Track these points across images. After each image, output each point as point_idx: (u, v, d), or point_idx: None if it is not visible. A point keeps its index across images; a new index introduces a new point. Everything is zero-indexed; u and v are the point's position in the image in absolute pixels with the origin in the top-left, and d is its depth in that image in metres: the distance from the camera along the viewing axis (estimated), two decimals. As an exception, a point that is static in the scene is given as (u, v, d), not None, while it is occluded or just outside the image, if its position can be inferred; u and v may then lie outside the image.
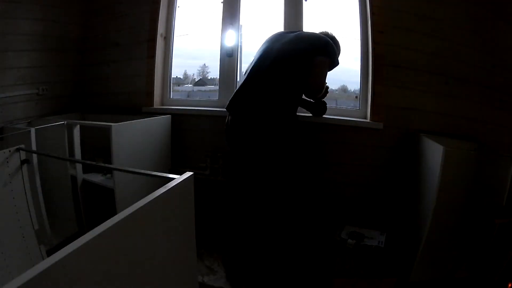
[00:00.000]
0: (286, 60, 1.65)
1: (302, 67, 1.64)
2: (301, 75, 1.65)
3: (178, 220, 0.87)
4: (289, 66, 1.64)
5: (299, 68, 1.64)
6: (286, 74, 1.63)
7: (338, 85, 2.27)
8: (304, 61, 1.64)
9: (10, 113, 1.99)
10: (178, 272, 0.90)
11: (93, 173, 1.97)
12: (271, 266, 1.76)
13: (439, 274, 1.59)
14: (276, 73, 1.64)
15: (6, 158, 1.29)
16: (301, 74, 1.65)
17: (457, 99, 1.85)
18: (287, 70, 1.63)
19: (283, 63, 1.65)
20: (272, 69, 1.64)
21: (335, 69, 1.78)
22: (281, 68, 1.64)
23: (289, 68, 1.64)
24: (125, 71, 2.36)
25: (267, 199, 1.73)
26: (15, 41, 2.00)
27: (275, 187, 1.72)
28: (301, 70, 1.65)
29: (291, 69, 1.64)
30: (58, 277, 0.48)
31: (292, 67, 1.64)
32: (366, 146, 1.95)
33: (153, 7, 2.24)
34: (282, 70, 1.64)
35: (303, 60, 1.64)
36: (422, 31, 1.84)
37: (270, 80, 1.63)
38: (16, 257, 1.29)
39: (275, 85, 1.63)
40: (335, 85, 2.27)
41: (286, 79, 1.63)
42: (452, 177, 1.48)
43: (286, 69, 1.64)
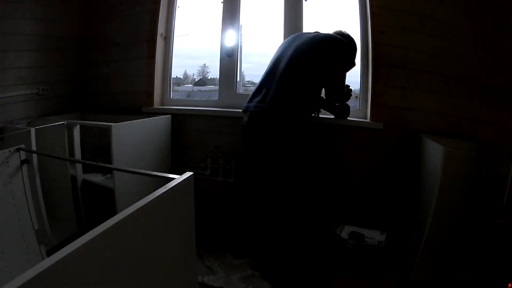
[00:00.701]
0: (301, 62, 1.65)
1: (318, 70, 1.66)
2: (317, 77, 1.67)
3: (178, 220, 0.87)
4: (305, 68, 1.65)
5: (315, 70, 1.66)
6: (302, 76, 1.64)
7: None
8: (320, 64, 1.66)
9: (10, 113, 1.99)
10: (178, 272, 0.90)
11: (93, 173, 1.97)
12: (280, 264, 1.77)
13: (439, 274, 1.59)
14: (292, 74, 1.64)
15: (6, 158, 1.29)
16: (317, 76, 1.67)
17: (457, 99, 1.85)
18: (303, 72, 1.64)
19: (299, 64, 1.65)
20: (288, 70, 1.65)
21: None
22: (297, 69, 1.65)
23: (304, 70, 1.65)
24: (125, 71, 2.36)
25: (282, 200, 1.73)
26: (15, 41, 2.00)
27: (291, 188, 1.71)
28: (317, 72, 1.66)
29: (307, 70, 1.65)
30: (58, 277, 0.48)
31: (308, 69, 1.65)
32: (366, 146, 1.95)
33: (153, 7, 2.24)
34: (298, 71, 1.64)
35: (320, 63, 1.66)
36: (422, 31, 1.84)
37: (286, 81, 1.64)
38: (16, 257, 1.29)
39: (291, 86, 1.63)
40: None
41: (302, 80, 1.64)
42: (452, 177, 1.48)
43: (302, 70, 1.64)
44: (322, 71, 1.67)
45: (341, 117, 1.93)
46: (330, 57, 1.67)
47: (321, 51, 1.67)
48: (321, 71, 1.67)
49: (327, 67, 1.68)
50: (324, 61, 1.66)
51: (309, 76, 1.65)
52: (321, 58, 1.66)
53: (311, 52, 1.67)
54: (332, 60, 1.68)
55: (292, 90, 1.63)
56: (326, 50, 1.67)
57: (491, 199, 1.49)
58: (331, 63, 1.68)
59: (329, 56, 1.67)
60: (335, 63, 1.69)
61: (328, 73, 1.69)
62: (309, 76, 1.65)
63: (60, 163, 1.82)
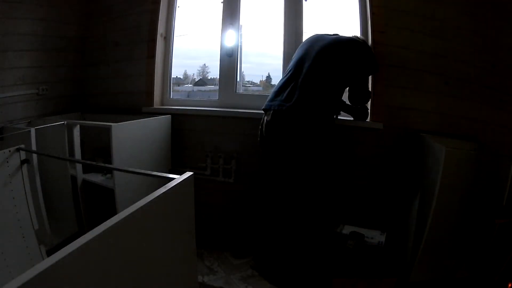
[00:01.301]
0: (328, 62, 1.67)
1: (344, 71, 1.68)
2: (343, 78, 1.70)
3: (178, 220, 0.87)
4: (331, 69, 1.66)
5: (341, 72, 1.68)
6: (328, 76, 1.65)
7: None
8: (347, 66, 1.69)
9: (10, 113, 1.99)
10: (178, 272, 0.90)
11: (93, 173, 1.97)
12: (281, 264, 1.77)
13: (439, 274, 1.59)
14: (318, 74, 1.65)
15: (6, 158, 1.29)
16: (343, 77, 1.69)
17: (457, 99, 1.85)
18: (329, 72, 1.66)
19: (325, 65, 1.66)
20: (314, 70, 1.65)
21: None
22: (323, 69, 1.66)
23: (331, 71, 1.66)
24: (125, 71, 2.36)
25: (297, 200, 1.72)
26: (15, 41, 2.00)
27: (310, 188, 1.71)
28: (343, 73, 1.69)
29: (333, 71, 1.66)
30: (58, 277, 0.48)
31: (334, 70, 1.66)
32: (366, 146, 1.95)
33: (153, 7, 2.24)
34: (324, 71, 1.65)
35: (346, 64, 1.69)
36: (422, 31, 1.84)
37: (313, 81, 1.64)
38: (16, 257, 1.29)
39: (317, 86, 1.64)
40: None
41: (328, 81, 1.65)
42: (452, 177, 1.48)
43: (328, 71, 1.66)
44: (348, 72, 1.69)
45: (361, 119, 1.92)
46: (355, 59, 1.70)
47: (347, 52, 1.70)
48: (347, 73, 1.69)
49: (353, 68, 1.70)
50: (350, 63, 1.69)
51: (335, 77, 1.67)
52: (348, 59, 1.69)
53: (337, 53, 1.69)
54: (357, 62, 1.71)
55: (319, 90, 1.63)
56: (352, 52, 1.70)
57: (491, 199, 1.49)
58: (357, 65, 1.71)
59: (355, 58, 1.70)
60: (360, 65, 1.72)
61: (353, 74, 1.72)
62: (335, 77, 1.67)
63: (60, 163, 1.82)
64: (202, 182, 2.19)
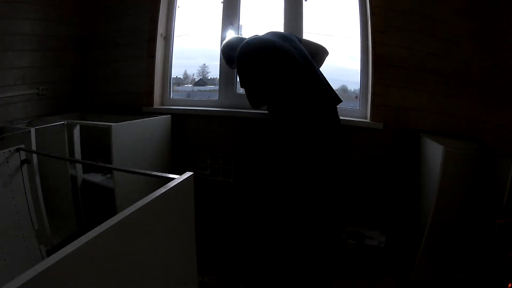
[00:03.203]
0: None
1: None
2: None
3: (178, 220, 0.87)
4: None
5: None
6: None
7: (338, 85, 2.27)
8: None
9: (10, 113, 1.99)
10: (178, 271, 0.90)
11: (93, 173, 1.97)
12: (281, 265, 1.77)
13: (439, 274, 1.59)
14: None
15: (6, 158, 1.29)
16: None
17: (457, 99, 1.85)
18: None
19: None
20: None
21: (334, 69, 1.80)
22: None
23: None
24: (125, 71, 2.36)
25: (302, 202, 1.72)
26: (15, 41, 2.00)
27: (315, 187, 1.71)
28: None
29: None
30: (58, 277, 0.48)
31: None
32: (366, 146, 1.95)
33: (153, 7, 2.24)
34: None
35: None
36: (422, 31, 1.84)
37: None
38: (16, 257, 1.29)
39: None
40: (335, 85, 2.26)
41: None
42: (452, 177, 1.48)
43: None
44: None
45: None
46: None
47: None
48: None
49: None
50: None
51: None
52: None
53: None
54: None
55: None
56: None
57: (491, 199, 1.48)
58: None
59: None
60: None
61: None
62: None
63: (60, 163, 1.82)
64: (202, 182, 2.19)
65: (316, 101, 1.64)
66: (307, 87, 1.64)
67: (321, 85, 1.66)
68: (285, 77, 1.65)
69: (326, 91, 1.67)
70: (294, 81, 1.64)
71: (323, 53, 1.88)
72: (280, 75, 1.66)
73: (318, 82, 1.66)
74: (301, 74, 1.64)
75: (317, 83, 1.66)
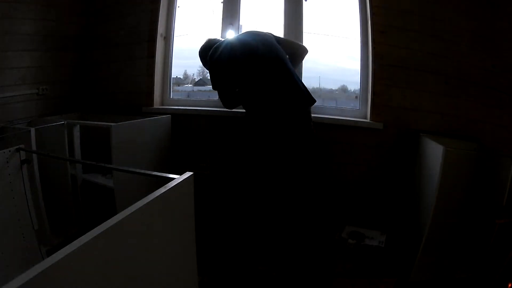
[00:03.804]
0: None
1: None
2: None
3: (178, 220, 0.87)
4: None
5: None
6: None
7: (338, 85, 2.27)
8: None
9: (10, 113, 1.99)
10: (178, 271, 0.90)
11: (93, 173, 1.97)
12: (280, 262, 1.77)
13: (439, 274, 1.59)
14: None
15: (6, 158, 1.29)
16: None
17: (457, 99, 1.85)
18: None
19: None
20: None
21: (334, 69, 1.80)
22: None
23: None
24: (125, 71, 2.36)
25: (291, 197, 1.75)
26: (15, 41, 2.00)
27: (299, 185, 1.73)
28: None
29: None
30: (58, 277, 0.48)
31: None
32: (366, 146, 1.95)
33: (153, 7, 2.24)
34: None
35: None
36: (422, 31, 1.84)
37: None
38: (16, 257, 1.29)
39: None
40: (335, 85, 2.27)
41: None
42: (452, 177, 1.48)
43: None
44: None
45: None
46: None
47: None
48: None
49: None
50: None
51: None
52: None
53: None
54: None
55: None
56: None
57: (491, 199, 1.48)
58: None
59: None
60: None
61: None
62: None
63: (60, 163, 1.82)
64: (202, 182, 2.19)
65: (283, 102, 1.66)
66: (274, 89, 1.67)
67: (291, 86, 1.67)
68: (252, 80, 1.69)
69: (296, 92, 1.68)
70: (260, 83, 1.68)
71: (302, 52, 1.89)
72: (248, 78, 1.70)
73: (288, 83, 1.67)
74: (267, 76, 1.67)
75: (286, 84, 1.67)
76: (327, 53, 2.19)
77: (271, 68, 1.67)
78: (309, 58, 1.96)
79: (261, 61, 1.68)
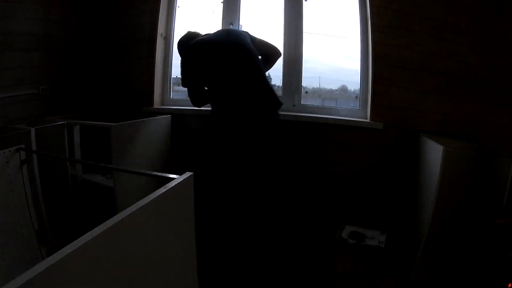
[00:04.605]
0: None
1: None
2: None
3: (178, 220, 0.87)
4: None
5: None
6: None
7: (338, 85, 2.27)
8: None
9: (10, 113, 1.99)
10: (178, 272, 0.90)
11: (93, 173, 1.97)
12: (262, 264, 1.77)
13: (439, 274, 1.59)
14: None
15: (6, 158, 1.29)
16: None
17: (457, 99, 1.85)
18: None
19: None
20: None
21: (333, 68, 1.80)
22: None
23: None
24: (125, 71, 2.36)
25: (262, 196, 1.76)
26: (15, 41, 2.00)
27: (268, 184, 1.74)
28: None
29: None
30: (58, 277, 0.47)
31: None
32: (366, 146, 1.95)
33: (153, 7, 2.24)
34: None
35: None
36: (422, 31, 1.84)
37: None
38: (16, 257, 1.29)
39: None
40: (335, 85, 2.27)
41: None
42: (452, 177, 1.48)
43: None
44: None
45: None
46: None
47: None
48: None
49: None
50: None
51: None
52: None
53: None
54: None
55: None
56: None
57: (491, 199, 1.48)
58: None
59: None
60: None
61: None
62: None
63: (60, 163, 1.82)
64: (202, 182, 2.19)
65: (249, 101, 1.67)
66: (241, 88, 1.68)
67: (258, 86, 1.68)
68: (219, 78, 1.70)
69: (262, 92, 1.68)
70: (227, 82, 1.69)
71: (275, 55, 1.89)
72: (215, 76, 1.71)
73: (255, 83, 1.68)
74: (234, 74, 1.67)
75: (253, 84, 1.68)
76: (327, 53, 2.19)
77: (239, 66, 1.67)
78: (309, 58, 1.97)
79: (229, 59, 1.68)
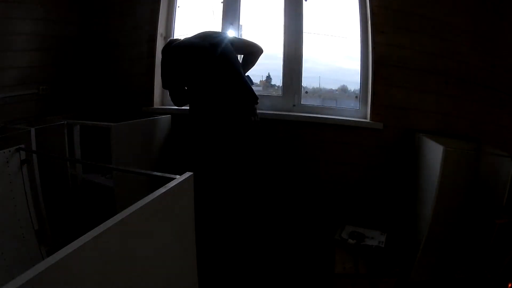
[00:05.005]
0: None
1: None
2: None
3: (178, 220, 0.87)
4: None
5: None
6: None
7: (338, 85, 2.27)
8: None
9: (10, 113, 1.99)
10: (178, 271, 0.90)
11: (93, 173, 1.97)
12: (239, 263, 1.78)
13: (439, 274, 1.59)
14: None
15: (6, 158, 1.29)
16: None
17: (457, 99, 1.85)
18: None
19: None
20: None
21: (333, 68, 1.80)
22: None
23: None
24: (125, 71, 2.36)
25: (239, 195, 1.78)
26: (15, 41, 2.00)
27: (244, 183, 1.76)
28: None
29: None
30: (58, 277, 0.48)
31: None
32: (366, 146, 1.95)
33: (153, 7, 2.24)
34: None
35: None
36: (422, 31, 1.84)
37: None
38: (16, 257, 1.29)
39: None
40: (335, 85, 2.27)
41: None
42: (452, 177, 1.48)
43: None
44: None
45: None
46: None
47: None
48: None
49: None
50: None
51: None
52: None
53: None
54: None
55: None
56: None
57: (491, 199, 1.48)
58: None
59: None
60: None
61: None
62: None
63: (60, 163, 1.82)
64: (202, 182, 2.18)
65: (225, 100, 1.70)
66: (217, 87, 1.71)
67: (234, 84, 1.71)
68: (196, 78, 1.74)
69: (238, 90, 1.71)
70: (204, 82, 1.72)
71: (257, 51, 1.90)
72: (192, 77, 1.75)
73: (230, 82, 1.71)
74: (210, 75, 1.70)
75: (229, 83, 1.71)
76: (327, 53, 2.19)
77: (211, 67, 1.70)
78: (309, 58, 1.96)
79: (202, 60, 1.71)
